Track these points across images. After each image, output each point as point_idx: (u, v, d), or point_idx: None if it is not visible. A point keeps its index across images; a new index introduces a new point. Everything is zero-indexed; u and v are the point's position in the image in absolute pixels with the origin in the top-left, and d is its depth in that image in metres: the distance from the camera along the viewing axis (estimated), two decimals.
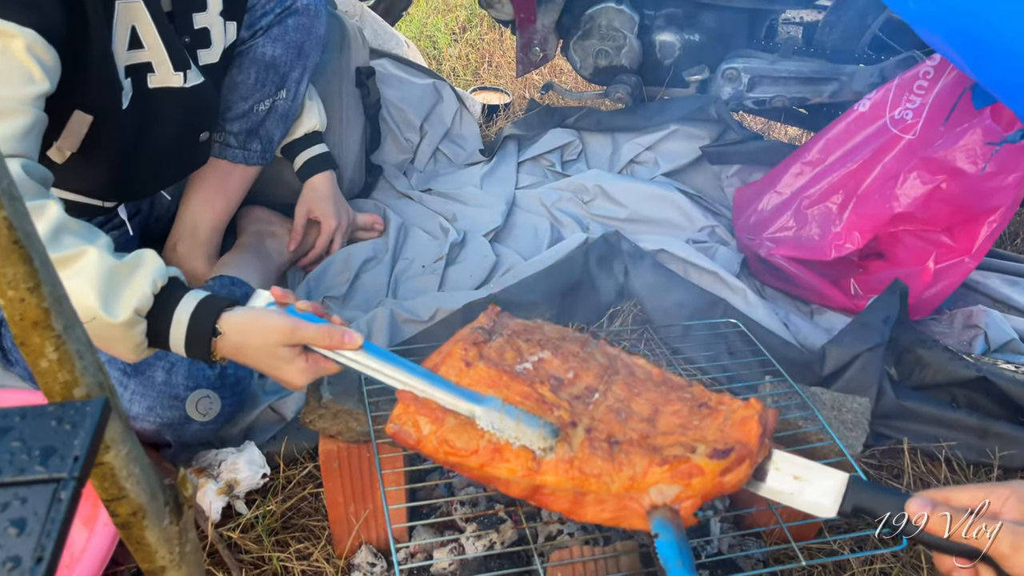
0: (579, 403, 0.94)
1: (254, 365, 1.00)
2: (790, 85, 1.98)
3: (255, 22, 1.50)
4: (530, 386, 0.94)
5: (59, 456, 0.46)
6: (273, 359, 0.97)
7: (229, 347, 0.99)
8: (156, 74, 1.29)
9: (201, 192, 1.58)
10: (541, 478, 0.87)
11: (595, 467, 0.86)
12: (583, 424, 0.91)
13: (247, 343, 0.98)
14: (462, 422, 0.90)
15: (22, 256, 0.48)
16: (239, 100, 1.53)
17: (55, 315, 0.51)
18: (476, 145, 2.19)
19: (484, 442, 0.88)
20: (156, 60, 1.27)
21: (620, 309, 1.68)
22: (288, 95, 1.58)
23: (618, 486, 0.86)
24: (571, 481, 0.86)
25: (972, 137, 1.45)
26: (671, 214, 1.89)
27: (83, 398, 0.56)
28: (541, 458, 0.88)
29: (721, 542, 1.19)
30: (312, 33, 1.56)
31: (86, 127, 1.22)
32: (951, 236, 1.59)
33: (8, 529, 0.42)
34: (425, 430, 0.89)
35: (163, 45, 1.27)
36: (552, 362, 0.99)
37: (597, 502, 0.88)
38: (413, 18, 3.29)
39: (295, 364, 0.97)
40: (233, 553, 1.15)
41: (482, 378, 0.94)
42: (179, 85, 1.32)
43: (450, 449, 0.89)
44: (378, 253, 1.77)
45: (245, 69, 1.52)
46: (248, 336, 0.98)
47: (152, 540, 0.64)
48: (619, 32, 2.00)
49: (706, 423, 0.94)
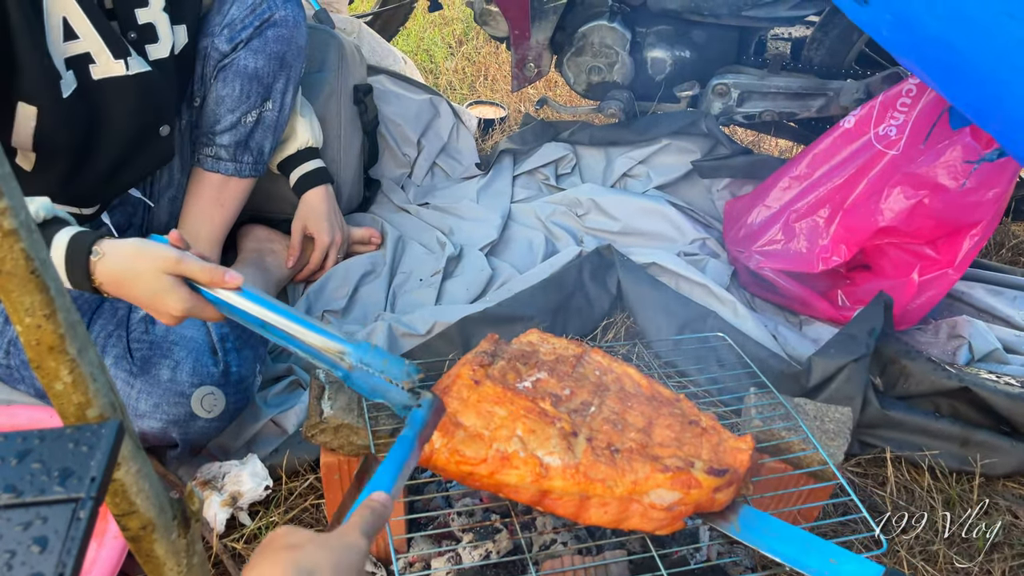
0: (577, 416, 1.01)
1: (133, 293, 1.02)
2: (779, 100, 2.02)
3: (235, 36, 1.54)
4: (532, 401, 1.00)
5: (77, 477, 0.49)
6: (155, 285, 1.00)
7: (109, 272, 1.02)
8: (97, 64, 1.32)
9: (197, 207, 1.62)
10: (549, 483, 0.93)
11: (600, 472, 0.93)
12: (583, 434, 0.97)
13: (130, 267, 1.01)
14: (470, 434, 0.96)
15: (39, 285, 0.51)
16: (226, 113, 1.57)
17: (70, 340, 0.55)
18: (472, 159, 2.23)
19: (492, 451, 0.95)
20: (94, 49, 1.30)
21: (613, 321, 1.72)
22: (274, 106, 1.61)
23: (622, 490, 0.93)
24: (577, 485, 0.93)
25: (952, 154, 1.49)
26: (663, 227, 1.93)
27: (96, 418, 0.59)
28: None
29: (710, 549, 1.22)
30: (293, 43, 1.59)
31: (33, 120, 1.26)
32: (935, 248, 1.63)
33: (31, 547, 0.45)
34: (437, 444, 0.95)
35: (97, 34, 1.30)
36: (549, 381, 1.06)
37: (600, 505, 0.95)
38: (410, 32, 3.34)
39: (177, 292, 1.00)
40: (237, 564, 1.19)
41: (490, 395, 1.00)
42: (122, 73, 1.34)
43: (461, 459, 0.95)
44: (376, 267, 1.80)
45: (229, 82, 1.55)
46: (131, 260, 1.02)
47: (161, 553, 0.67)
48: (611, 49, 2.04)
49: (700, 441, 1.01)
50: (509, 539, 1.16)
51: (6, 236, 0.48)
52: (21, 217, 0.48)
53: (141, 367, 1.24)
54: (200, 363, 1.27)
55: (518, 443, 0.95)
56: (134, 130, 1.42)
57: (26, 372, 1.30)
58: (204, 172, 1.61)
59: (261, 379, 1.40)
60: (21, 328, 0.52)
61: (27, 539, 0.45)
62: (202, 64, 1.56)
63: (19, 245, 0.48)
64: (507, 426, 0.97)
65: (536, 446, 0.95)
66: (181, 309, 1.02)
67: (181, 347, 1.26)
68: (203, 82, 1.57)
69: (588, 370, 1.11)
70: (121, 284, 1.03)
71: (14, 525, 0.46)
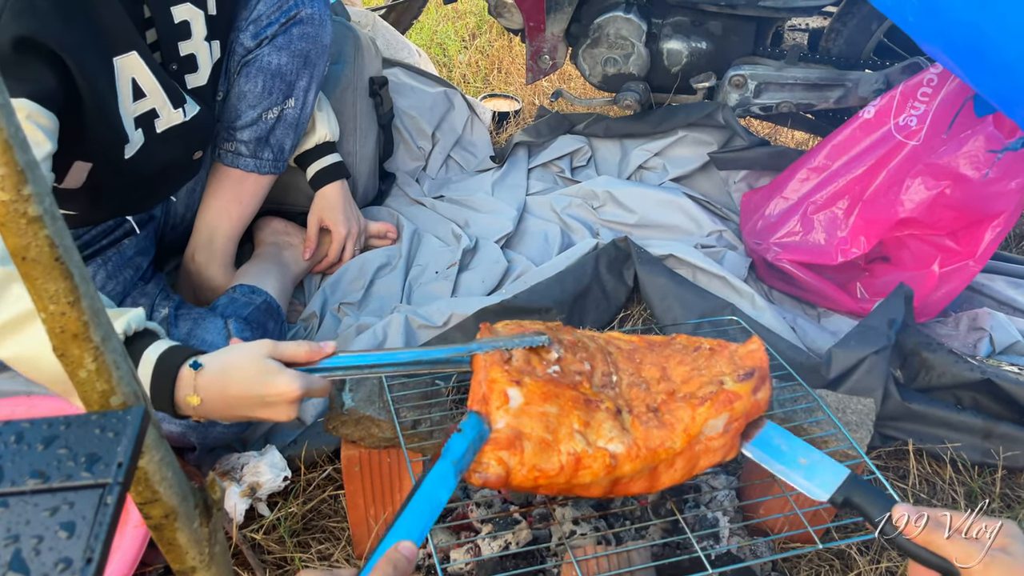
0: (608, 390, 0.99)
1: (240, 390, 0.98)
2: (796, 91, 2.00)
3: (260, 32, 1.53)
4: (574, 388, 0.97)
5: (103, 463, 0.49)
6: (263, 374, 0.97)
7: (212, 376, 0.98)
8: (161, 118, 1.33)
9: (216, 202, 1.62)
10: (619, 470, 0.92)
11: (655, 438, 0.93)
12: (624, 408, 0.97)
13: (234, 365, 0.98)
14: (537, 443, 0.90)
15: (63, 272, 0.51)
16: (247, 109, 1.57)
17: (93, 327, 0.54)
18: (487, 152, 2.22)
19: (564, 456, 0.90)
20: (158, 104, 1.31)
21: (630, 313, 1.71)
22: (296, 104, 1.60)
23: (680, 442, 0.93)
24: (643, 461, 0.92)
25: (975, 144, 1.47)
26: (679, 219, 1.92)
27: (120, 406, 0.59)
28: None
29: (730, 540, 1.22)
30: (318, 42, 1.59)
31: (85, 172, 1.27)
32: (956, 240, 1.61)
33: (58, 532, 0.45)
34: (511, 463, 0.89)
35: (161, 89, 1.31)
36: (567, 359, 1.02)
37: (668, 467, 0.95)
38: (423, 25, 3.33)
39: (286, 373, 0.97)
40: (256, 554, 1.19)
41: (537, 393, 0.94)
42: (181, 121, 1.36)
43: (540, 473, 0.89)
44: (392, 260, 1.80)
45: (252, 78, 1.55)
46: (233, 357, 0.99)
47: (183, 541, 0.67)
48: (627, 40, 2.03)
49: (714, 361, 1.02)
50: (528, 529, 1.16)
51: (31, 223, 0.47)
52: (46, 204, 0.47)
53: None
54: None
55: (581, 440, 0.91)
56: (177, 164, 1.44)
57: None
58: (224, 167, 1.61)
59: None
60: (45, 315, 0.52)
61: (54, 524, 0.45)
62: (226, 59, 1.55)
63: (44, 232, 0.48)
64: (564, 423, 0.92)
65: (596, 437, 0.92)
66: (297, 387, 0.97)
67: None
68: (226, 76, 1.57)
69: (582, 338, 1.08)
70: (225, 387, 0.98)
71: (41, 510, 0.46)
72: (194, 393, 0.99)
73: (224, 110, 1.58)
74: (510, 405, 0.92)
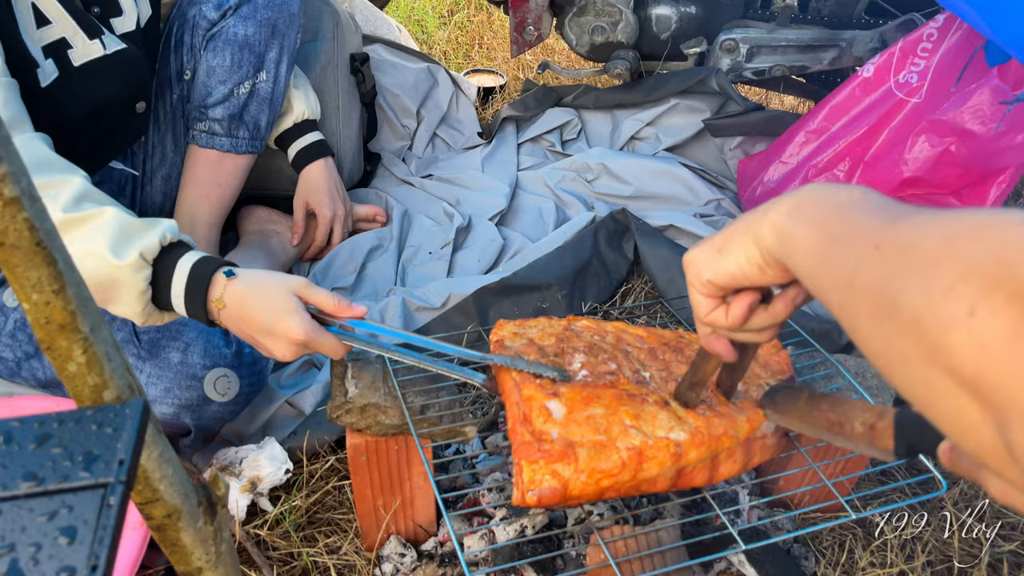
0: (644, 385, 0.95)
1: (254, 310, 0.99)
2: (789, 54, 1.96)
3: (223, 2, 1.47)
4: (612, 387, 0.93)
5: (103, 461, 0.44)
6: (280, 303, 0.98)
7: (240, 287, 1.01)
8: (75, 48, 1.25)
9: (194, 187, 1.55)
10: (685, 459, 0.88)
11: (719, 426, 0.90)
12: (671, 400, 0.93)
13: (260, 286, 1.00)
14: (592, 447, 0.85)
15: (45, 258, 0.46)
16: (217, 84, 1.50)
17: (81, 317, 0.49)
18: (474, 128, 2.16)
19: (625, 452, 0.85)
20: (68, 33, 1.24)
21: (632, 287, 1.66)
22: (268, 76, 1.54)
23: (744, 432, 0.91)
24: (708, 448, 0.89)
25: (980, 98, 1.43)
26: (676, 189, 1.88)
27: (113, 400, 0.54)
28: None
29: (751, 513, 1.18)
30: (284, 10, 1.51)
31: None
32: (960, 199, 1.58)
33: (58, 538, 0.40)
34: (566, 473, 0.84)
35: (69, 15, 1.23)
36: (592, 362, 0.98)
37: (728, 457, 0.92)
38: (400, 2, 3.26)
39: (300, 315, 0.98)
40: (261, 550, 1.14)
41: (578, 399, 0.90)
42: (100, 54, 1.28)
43: (601, 474, 0.84)
44: (383, 242, 1.75)
45: (219, 52, 1.48)
46: (259, 277, 1.01)
47: (188, 542, 0.62)
48: (615, 7, 1.98)
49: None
50: (543, 513, 1.11)
51: (7, 205, 0.42)
52: (23, 184, 0.42)
53: (149, 351, 1.18)
54: (211, 344, 1.21)
55: (637, 433, 0.86)
56: (112, 109, 1.36)
57: (26, 364, 1.23)
58: (199, 149, 1.54)
59: (274, 360, 1.35)
60: (28, 306, 0.47)
61: (53, 530, 0.41)
62: (191, 34, 1.49)
63: (22, 215, 0.43)
64: (615, 421, 0.88)
65: (653, 428, 0.87)
66: (301, 333, 0.97)
67: (191, 328, 1.20)
68: (192, 53, 1.50)
69: (594, 338, 1.04)
70: (245, 302, 1.00)
71: (37, 516, 0.41)
72: (221, 297, 1.01)
73: (193, 89, 1.52)
74: (554, 417, 0.88)
